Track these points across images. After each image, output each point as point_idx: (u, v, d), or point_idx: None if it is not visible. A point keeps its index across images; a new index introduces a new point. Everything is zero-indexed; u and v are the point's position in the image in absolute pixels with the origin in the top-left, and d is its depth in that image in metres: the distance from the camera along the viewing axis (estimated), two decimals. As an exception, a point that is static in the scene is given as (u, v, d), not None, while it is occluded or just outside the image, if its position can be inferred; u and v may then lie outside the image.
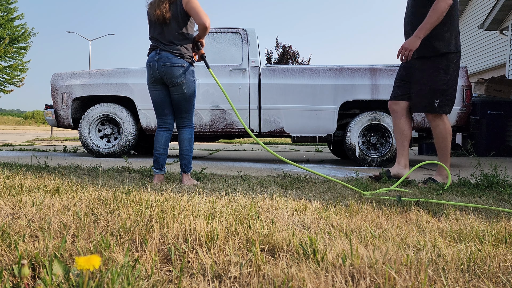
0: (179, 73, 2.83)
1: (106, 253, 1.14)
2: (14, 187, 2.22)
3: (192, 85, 2.90)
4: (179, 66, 2.83)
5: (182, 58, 2.85)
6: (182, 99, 2.90)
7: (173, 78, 2.83)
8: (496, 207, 2.10)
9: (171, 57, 2.83)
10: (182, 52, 2.85)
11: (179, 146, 2.98)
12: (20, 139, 11.80)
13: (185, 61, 2.86)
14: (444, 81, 3.13)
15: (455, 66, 3.14)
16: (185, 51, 2.86)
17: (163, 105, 2.95)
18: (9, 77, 26.52)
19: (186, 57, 2.87)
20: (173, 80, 2.84)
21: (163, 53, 2.84)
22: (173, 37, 2.84)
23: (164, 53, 2.83)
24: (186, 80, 2.86)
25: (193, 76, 2.92)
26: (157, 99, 2.95)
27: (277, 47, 25.97)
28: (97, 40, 64.12)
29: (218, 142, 13.68)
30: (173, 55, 2.83)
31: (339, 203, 2.05)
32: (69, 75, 5.59)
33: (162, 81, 2.89)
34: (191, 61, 2.91)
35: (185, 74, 2.85)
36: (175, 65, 2.82)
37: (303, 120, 5.21)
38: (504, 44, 10.05)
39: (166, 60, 2.82)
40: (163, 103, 2.95)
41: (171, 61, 2.82)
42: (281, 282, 0.98)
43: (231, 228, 1.42)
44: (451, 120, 5.08)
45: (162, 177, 2.97)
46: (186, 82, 2.86)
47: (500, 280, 1.05)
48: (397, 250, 1.23)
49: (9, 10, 26.42)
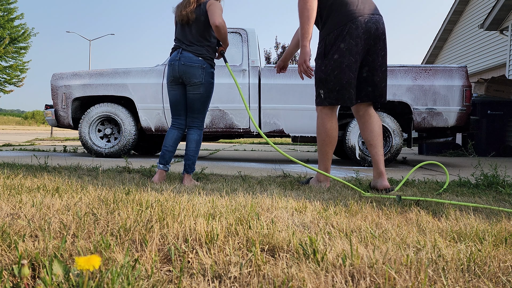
0: (198, 73, 2.89)
1: (106, 253, 1.14)
2: (14, 187, 2.21)
3: (209, 86, 2.96)
4: (198, 67, 2.89)
5: (203, 59, 2.91)
6: (197, 99, 2.95)
7: (192, 77, 2.90)
8: (496, 207, 2.10)
9: (192, 57, 2.89)
10: (203, 53, 2.92)
11: (186, 146, 3.00)
12: (20, 139, 11.80)
13: (205, 62, 2.92)
14: (321, 68, 2.70)
15: (336, 48, 2.62)
16: (205, 53, 2.93)
17: (179, 105, 3.01)
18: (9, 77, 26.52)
19: (206, 58, 2.93)
20: (191, 80, 2.90)
21: (184, 53, 2.91)
22: (196, 38, 2.92)
23: (186, 53, 2.91)
24: (205, 80, 2.92)
25: (212, 78, 2.97)
26: (174, 98, 3.01)
27: (276, 47, 25.96)
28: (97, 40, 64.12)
29: (218, 142, 13.68)
30: (194, 55, 2.90)
31: (339, 203, 2.05)
32: (69, 75, 5.59)
33: (180, 81, 2.95)
34: (211, 62, 2.97)
35: (203, 74, 2.91)
36: (195, 65, 2.88)
37: (303, 120, 5.22)
38: (504, 44, 10.05)
39: (187, 60, 2.89)
40: (179, 103, 3.01)
41: (192, 60, 2.89)
42: (281, 282, 0.98)
43: (231, 228, 1.42)
44: (451, 120, 5.08)
45: (164, 174, 2.98)
46: (204, 82, 2.92)
47: (500, 280, 1.05)
48: (397, 250, 1.23)
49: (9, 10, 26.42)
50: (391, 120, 5.10)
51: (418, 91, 5.08)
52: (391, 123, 5.08)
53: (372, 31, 2.64)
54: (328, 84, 2.69)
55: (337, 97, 2.68)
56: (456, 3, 12.59)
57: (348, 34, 2.59)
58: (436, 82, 5.09)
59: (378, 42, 2.69)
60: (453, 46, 13.25)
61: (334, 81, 2.65)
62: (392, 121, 5.10)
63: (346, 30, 2.59)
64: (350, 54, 2.60)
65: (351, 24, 2.59)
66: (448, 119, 5.08)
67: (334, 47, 2.63)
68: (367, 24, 2.62)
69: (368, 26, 2.62)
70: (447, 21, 13.21)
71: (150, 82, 5.37)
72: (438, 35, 13.85)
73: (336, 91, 2.67)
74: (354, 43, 2.60)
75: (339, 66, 2.62)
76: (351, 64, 2.62)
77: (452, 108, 5.06)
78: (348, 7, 2.63)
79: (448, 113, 5.08)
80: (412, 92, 5.09)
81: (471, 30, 12.05)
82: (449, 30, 13.45)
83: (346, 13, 2.62)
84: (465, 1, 12.44)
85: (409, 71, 5.14)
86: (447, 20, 13.17)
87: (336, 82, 2.65)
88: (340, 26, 2.62)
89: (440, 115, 5.08)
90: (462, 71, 5.10)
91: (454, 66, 5.14)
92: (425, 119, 5.10)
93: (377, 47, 2.70)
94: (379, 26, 2.67)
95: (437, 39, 13.92)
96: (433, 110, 5.08)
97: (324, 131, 2.76)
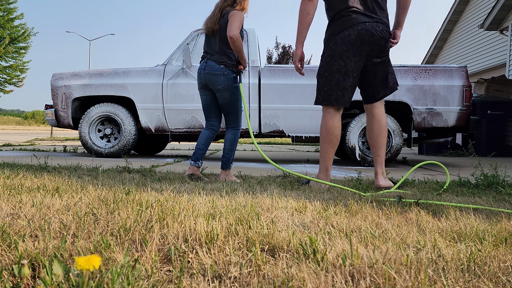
0: (220, 80, 3.11)
1: (106, 253, 1.14)
2: (14, 187, 2.21)
3: (233, 90, 3.16)
4: (220, 74, 3.11)
5: (224, 66, 3.12)
6: (225, 103, 3.19)
7: (216, 84, 3.13)
8: (496, 207, 2.10)
9: (214, 65, 3.13)
10: (225, 61, 3.12)
11: (223, 145, 3.26)
12: (20, 139, 11.80)
13: (227, 68, 3.12)
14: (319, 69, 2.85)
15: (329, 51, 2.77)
16: (227, 60, 3.13)
17: (209, 109, 3.28)
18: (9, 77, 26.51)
19: (228, 65, 3.13)
20: (216, 86, 3.14)
21: (209, 62, 3.15)
22: (219, 47, 3.14)
23: (210, 62, 3.15)
24: (228, 86, 3.13)
25: (235, 82, 3.17)
26: (204, 103, 3.29)
27: (276, 47, 25.95)
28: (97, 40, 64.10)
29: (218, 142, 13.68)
30: (216, 63, 3.13)
31: (339, 203, 2.05)
32: (69, 76, 5.59)
33: (208, 87, 3.20)
34: (233, 68, 3.16)
35: (226, 80, 3.12)
36: (217, 72, 3.11)
37: (303, 120, 5.21)
38: (504, 44, 10.05)
39: (210, 69, 3.13)
40: (209, 107, 3.27)
41: (214, 69, 3.12)
42: (281, 282, 0.98)
43: (231, 228, 1.42)
44: (451, 120, 5.08)
45: (196, 169, 3.22)
46: (227, 88, 3.13)
47: (500, 280, 1.05)
48: (397, 250, 1.23)
49: (9, 10, 26.41)
50: (391, 120, 5.09)
51: (418, 91, 5.08)
52: (391, 123, 5.08)
53: (366, 38, 2.72)
54: (319, 84, 2.85)
55: (324, 96, 2.82)
56: (456, 3, 12.60)
57: (341, 40, 2.73)
58: (436, 82, 5.09)
59: (375, 47, 2.77)
60: (453, 46, 13.26)
61: (324, 81, 2.81)
62: (392, 121, 5.10)
63: (340, 36, 2.73)
64: (340, 59, 2.74)
65: (345, 31, 2.72)
66: (448, 119, 5.08)
67: (328, 50, 2.80)
68: (360, 31, 2.71)
69: (361, 34, 2.71)
70: (447, 21, 13.21)
71: (150, 82, 5.37)
72: (438, 35, 13.85)
73: (324, 91, 2.81)
74: (345, 48, 2.72)
75: (330, 69, 2.77)
76: (341, 68, 2.74)
77: (452, 108, 5.06)
78: (347, 16, 2.73)
79: (448, 113, 5.08)
80: (412, 92, 5.09)
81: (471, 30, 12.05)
82: (449, 30, 13.45)
83: (344, 21, 2.74)
84: (465, 1, 12.44)
85: (409, 71, 5.14)
86: (447, 20, 13.17)
87: (326, 82, 2.80)
88: (336, 32, 2.75)
89: (440, 115, 5.08)
90: (462, 71, 5.10)
91: (454, 66, 5.14)
92: (425, 119, 5.10)
93: (374, 52, 2.78)
94: (374, 33, 2.73)
95: (437, 39, 13.92)
96: (433, 110, 5.08)
97: (326, 129, 2.83)
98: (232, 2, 3.15)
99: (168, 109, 5.32)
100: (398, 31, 2.99)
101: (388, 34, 2.81)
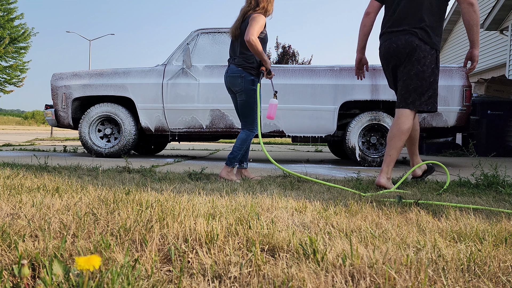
0: (238, 82, 3.20)
1: (106, 253, 1.14)
2: (14, 187, 2.21)
3: (250, 93, 3.20)
4: (238, 76, 3.20)
5: (242, 68, 3.18)
6: (241, 104, 3.25)
7: (234, 86, 3.24)
8: (496, 207, 2.10)
9: (233, 68, 3.23)
10: (242, 63, 3.19)
11: (234, 142, 3.31)
12: (20, 139, 11.80)
13: (244, 71, 3.18)
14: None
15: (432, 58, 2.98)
16: (244, 62, 3.19)
17: (237, 110, 3.41)
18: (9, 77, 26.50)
19: (245, 68, 3.19)
20: (234, 88, 3.25)
21: (231, 66, 3.27)
22: (239, 51, 3.23)
23: (231, 66, 3.26)
24: (244, 88, 3.19)
25: (252, 85, 3.20)
26: (234, 105, 3.43)
27: (276, 47, 25.96)
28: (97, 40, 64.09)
29: (218, 142, 13.68)
30: (235, 66, 3.22)
31: (339, 203, 2.05)
32: (69, 76, 5.59)
33: (232, 90, 3.32)
34: (251, 71, 3.19)
35: (243, 82, 3.18)
36: (235, 75, 3.21)
37: (303, 120, 5.21)
38: (504, 44, 10.05)
39: (230, 72, 3.25)
40: (236, 108, 3.41)
41: (233, 71, 3.22)
42: (281, 282, 0.98)
43: (231, 228, 1.42)
44: (451, 120, 5.08)
45: (244, 171, 3.39)
46: (244, 89, 3.19)
47: (500, 280, 1.05)
48: (397, 250, 1.23)
49: (9, 10, 26.41)
50: (391, 120, 5.09)
51: (418, 91, 5.08)
52: (391, 123, 5.08)
53: (391, 50, 2.95)
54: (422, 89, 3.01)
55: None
56: (456, 3, 12.59)
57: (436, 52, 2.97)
58: (436, 82, 5.08)
59: (399, 57, 2.95)
60: (453, 46, 13.26)
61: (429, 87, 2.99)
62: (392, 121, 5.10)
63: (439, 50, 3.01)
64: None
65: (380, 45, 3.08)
66: (448, 119, 5.08)
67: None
68: (382, 45, 3.02)
69: (384, 46, 3.00)
70: (447, 21, 13.20)
71: (150, 82, 5.37)
72: (438, 35, 13.83)
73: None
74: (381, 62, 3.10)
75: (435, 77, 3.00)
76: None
77: (452, 108, 5.06)
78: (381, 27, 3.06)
79: (448, 113, 5.07)
80: (412, 92, 5.08)
81: (471, 30, 12.02)
82: (449, 30, 13.45)
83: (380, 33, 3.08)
84: (465, 1, 12.42)
85: (409, 71, 5.13)
86: (447, 20, 13.16)
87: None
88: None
89: (440, 115, 5.08)
90: (462, 71, 5.10)
91: (454, 66, 5.14)
92: (425, 119, 5.10)
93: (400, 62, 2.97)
94: (391, 45, 2.94)
95: (437, 39, 13.90)
96: (433, 110, 5.08)
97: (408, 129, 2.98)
98: (255, 5, 3.16)
99: (168, 109, 5.32)
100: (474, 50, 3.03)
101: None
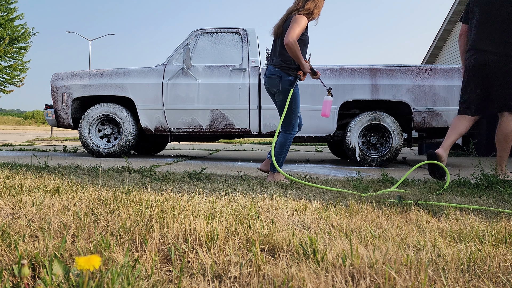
0: (275, 83, 3.15)
1: (106, 253, 1.14)
2: (14, 187, 2.21)
3: (287, 93, 3.11)
4: (275, 77, 3.14)
5: (279, 69, 3.13)
6: (279, 105, 3.21)
7: (272, 87, 3.19)
8: (496, 207, 2.10)
9: (271, 69, 3.18)
10: (280, 64, 3.13)
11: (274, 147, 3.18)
12: (20, 139, 11.80)
13: (281, 71, 3.11)
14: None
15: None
16: (281, 63, 3.13)
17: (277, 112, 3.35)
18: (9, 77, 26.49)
19: (283, 68, 3.13)
20: (272, 89, 3.21)
21: (269, 67, 3.22)
22: (279, 51, 3.17)
23: (269, 66, 3.22)
24: (281, 88, 3.13)
25: (290, 86, 3.12)
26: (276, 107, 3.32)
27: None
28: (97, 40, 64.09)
29: (218, 142, 13.68)
30: (273, 67, 3.17)
31: (339, 203, 2.05)
32: (69, 76, 5.59)
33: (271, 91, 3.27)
34: (288, 71, 3.12)
35: (280, 83, 3.12)
36: (272, 75, 3.16)
37: (303, 120, 5.21)
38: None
39: (268, 73, 3.20)
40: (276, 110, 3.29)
41: (271, 72, 3.18)
42: (281, 282, 0.98)
43: (231, 228, 1.42)
44: (451, 120, 5.08)
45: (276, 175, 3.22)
46: (281, 90, 3.13)
47: (500, 280, 1.05)
48: (397, 250, 1.23)
49: (9, 10, 26.39)
50: (391, 120, 5.10)
51: (418, 91, 5.08)
52: (391, 123, 5.08)
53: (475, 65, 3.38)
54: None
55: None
56: (456, 3, 12.59)
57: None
58: (436, 82, 5.09)
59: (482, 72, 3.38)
60: (453, 46, 13.25)
61: None
62: (392, 121, 5.10)
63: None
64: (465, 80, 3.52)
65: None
66: (448, 119, 5.08)
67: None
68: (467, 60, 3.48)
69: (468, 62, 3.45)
70: (447, 21, 13.20)
71: (150, 82, 5.37)
72: (438, 35, 13.85)
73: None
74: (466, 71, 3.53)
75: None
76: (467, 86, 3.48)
77: (452, 108, 5.06)
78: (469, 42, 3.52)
79: (448, 113, 5.07)
80: (412, 92, 5.09)
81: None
82: (449, 30, 13.45)
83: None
84: (465, 1, 12.43)
85: (409, 71, 5.14)
86: (447, 20, 13.17)
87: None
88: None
89: (440, 115, 5.08)
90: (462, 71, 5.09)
91: (454, 66, 5.14)
92: (425, 119, 5.10)
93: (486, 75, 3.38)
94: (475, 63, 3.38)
95: (437, 39, 13.92)
96: (433, 110, 5.08)
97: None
98: (302, 6, 3.10)
99: (168, 109, 5.32)
100: None
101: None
